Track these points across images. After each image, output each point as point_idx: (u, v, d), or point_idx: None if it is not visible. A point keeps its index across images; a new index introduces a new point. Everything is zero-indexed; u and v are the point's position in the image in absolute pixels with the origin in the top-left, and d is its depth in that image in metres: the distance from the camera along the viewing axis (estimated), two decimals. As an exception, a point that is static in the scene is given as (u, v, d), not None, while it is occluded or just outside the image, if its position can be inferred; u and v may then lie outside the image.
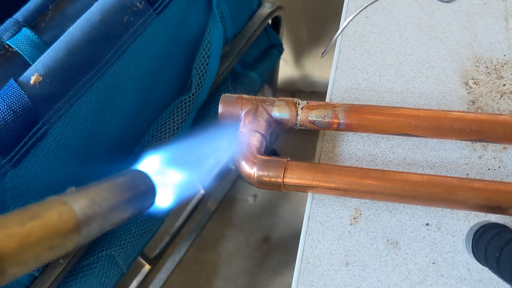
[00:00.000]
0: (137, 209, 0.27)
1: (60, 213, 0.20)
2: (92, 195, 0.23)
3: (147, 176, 0.28)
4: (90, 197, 0.22)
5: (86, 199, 0.22)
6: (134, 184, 0.27)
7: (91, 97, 0.44)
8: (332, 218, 0.38)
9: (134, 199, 0.26)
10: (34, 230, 0.19)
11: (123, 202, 0.25)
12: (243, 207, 1.13)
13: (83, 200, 0.22)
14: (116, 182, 0.25)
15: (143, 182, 0.28)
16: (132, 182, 0.27)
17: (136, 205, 0.26)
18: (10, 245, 0.18)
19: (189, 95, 0.58)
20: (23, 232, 0.18)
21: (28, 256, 0.18)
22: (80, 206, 0.21)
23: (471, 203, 0.32)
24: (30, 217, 0.19)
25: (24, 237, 0.18)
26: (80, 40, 0.42)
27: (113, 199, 0.24)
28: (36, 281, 0.46)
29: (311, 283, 0.35)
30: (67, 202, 0.21)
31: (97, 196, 0.23)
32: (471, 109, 0.41)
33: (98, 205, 0.22)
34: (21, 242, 0.18)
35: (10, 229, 0.18)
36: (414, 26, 0.47)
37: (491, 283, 0.33)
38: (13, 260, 0.18)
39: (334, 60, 0.47)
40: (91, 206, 0.22)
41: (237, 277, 1.04)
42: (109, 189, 0.24)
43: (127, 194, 0.25)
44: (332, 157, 0.41)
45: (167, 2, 0.48)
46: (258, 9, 0.70)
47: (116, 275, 0.55)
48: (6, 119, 0.37)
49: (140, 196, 0.27)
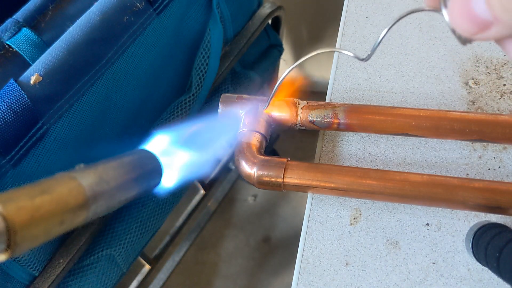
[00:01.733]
0: (144, 187, 0.27)
1: (70, 188, 0.20)
2: (100, 173, 0.23)
3: (154, 156, 0.28)
4: (98, 174, 0.22)
5: (94, 176, 0.22)
6: (142, 163, 0.27)
7: (91, 97, 0.44)
8: (332, 218, 0.38)
9: (141, 178, 0.26)
10: (45, 204, 0.19)
11: (130, 180, 0.25)
12: (243, 207, 1.13)
13: (91, 177, 0.22)
14: (124, 161, 0.25)
15: (150, 161, 0.28)
16: (140, 162, 0.27)
17: (143, 184, 0.27)
18: (22, 217, 0.18)
19: (189, 95, 0.58)
20: (34, 206, 0.18)
21: (39, 230, 0.19)
22: (88, 182, 0.21)
23: (471, 203, 0.32)
24: (41, 191, 0.19)
25: (35, 211, 0.18)
26: (80, 40, 0.42)
27: (121, 177, 0.24)
28: (36, 281, 0.46)
29: (311, 283, 0.35)
30: (76, 178, 0.21)
31: (105, 174, 0.23)
32: (471, 109, 0.41)
33: (106, 183, 0.23)
34: (32, 216, 0.18)
35: (21, 202, 0.18)
36: (414, 26, 0.47)
37: (491, 283, 0.33)
38: (25, 233, 0.18)
39: (334, 60, 0.47)
40: (99, 183, 0.22)
41: (237, 277, 1.04)
42: (117, 167, 0.24)
43: (135, 173, 0.25)
44: (332, 157, 0.41)
45: (167, 2, 0.48)
46: (258, 9, 0.70)
47: (116, 275, 0.55)
48: (6, 119, 0.37)
49: (147, 175, 0.27)
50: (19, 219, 0.17)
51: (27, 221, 0.18)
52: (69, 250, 0.48)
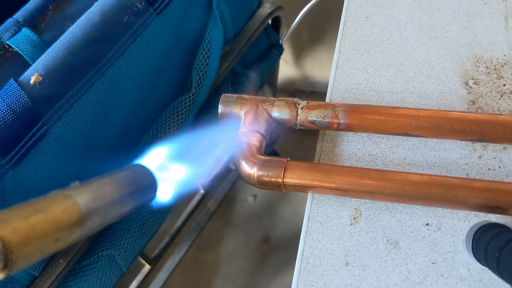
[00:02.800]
0: (139, 202, 0.27)
1: (65, 206, 0.21)
2: (95, 189, 0.23)
3: (148, 171, 0.29)
4: (93, 191, 0.23)
5: (89, 193, 0.23)
6: (136, 178, 0.27)
7: (91, 97, 0.44)
8: (332, 218, 0.38)
9: (136, 193, 0.27)
10: (39, 223, 0.19)
11: (125, 196, 0.25)
12: (243, 207, 1.13)
13: (86, 194, 0.22)
14: (119, 177, 0.26)
15: (145, 176, 0.28)
16: (134, 177, 0.27)
17: (138, 199, 0.27)
18: (18, 238, 0.18)
19: (189, 95, 0.58)
20: (29, 226, 0.19)
21: (34, 248, 0.19)
22: (83, 200, 0.22)
23: (471, 203, 0.32)
24: (35, 210, 0.20)
25: (29, 231, 0.19)
26: (80, 40, 0.42)
27: (116, 193, 0.24)
28: (36, 281, 0.46)
29: (311, 283, 0.35)
30: (71, 196, 0.22)
31: (100, 190, 0.23)
32: (471, 109, 0.41)
33: (101, 199, 0.23)
34: (26, 235, 0.19)
35: (16, 223, 0.19)
36: (414, 26, 0.47)
37: (491, 283, 0.33)
38: (20, 252, 0.18)
39: (334, 60, 0.47)
40: (94, 200, 0.22)
41: (237, 277, 1.04)
42: (112, 183, 0.25)
43: (129, 188, 0.26)
44: (332, 157, 0.41)
45: (167, 2, 0.48)
46: (258, 9, 0.70)
47: (116, 275, 0.55)
48: (6, 119, 0.37)
49: (142, 190, 0.28)
50: (15, 239, 0.18)
51: (22, 241, 0.18)
52: (69, 250, 0.49)
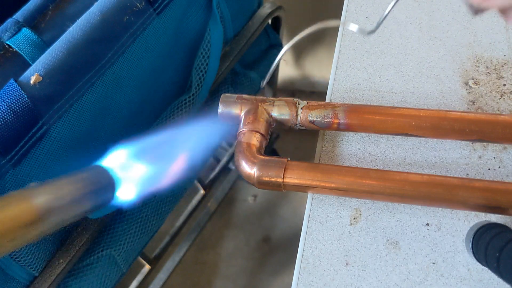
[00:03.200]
0: (98, 202, 0.28)
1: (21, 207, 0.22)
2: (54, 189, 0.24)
3: (107, 171, 0.29)
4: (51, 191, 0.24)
5: (47, 193, 0.24)
6: (94, 179, 0.28)
7: (91, 97, 0.44)
8: (332, 218, 0.38)
9: (94, 193, 0.27)
10: None
11: (84, 195, 0.26)
12: (243, 207, 1.13)
13: (44, 194, 0.23)
14: (79, 177, 0.27)
15: (103, 176, 0.29)
16: (93, 177, 0.28)
17: (96, 198, 0.28)
18: None
19: (189, 95, 0.58)
20: None
21: None
22: (40, 200, 0.23)
23: (471, 203, 0.32)
24: None
25: None
26: (80, 40, 0.42)
27: (73, 193, 0.25)
28: (36, 281, 0.46)
29: (311, 283, 0.35)
30: (27, 196, 0.22)
31: (59, 190, 0.24)
32: (471, 109, 0.41)
33: (59, 199, 0.24)
34: None
35: None
36: (414, 26, 0.47)
37: (491, 283, 0.33)
38: None
39: (334, 60, 0.47)
40: (51, 200, 0.23)
41: (237, 277, 1.04)
42: (71, 183, 0.26)
43: (87, 189, 0.27)
44: (332, 157, 0.41)
45: (167, 2, 0.48)
46: (258, 9, 0.70)
47: (116, 275, 0.55)
48: (6, 119, 0.37)
49: (100, 190, 0.28)
50: None
51: None
52: (69, 250, 0.48)
